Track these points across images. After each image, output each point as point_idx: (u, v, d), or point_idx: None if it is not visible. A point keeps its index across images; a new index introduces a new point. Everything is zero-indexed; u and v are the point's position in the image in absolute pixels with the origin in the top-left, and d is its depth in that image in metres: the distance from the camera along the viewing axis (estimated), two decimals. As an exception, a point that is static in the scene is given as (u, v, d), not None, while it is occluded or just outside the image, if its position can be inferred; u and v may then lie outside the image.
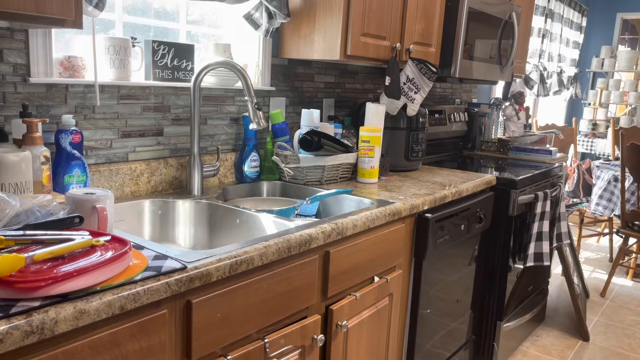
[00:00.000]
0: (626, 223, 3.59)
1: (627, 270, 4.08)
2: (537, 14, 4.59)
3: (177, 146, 1.88)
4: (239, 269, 1.21)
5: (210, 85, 1.94)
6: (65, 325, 0.89)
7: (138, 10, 1.83)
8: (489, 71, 2.85)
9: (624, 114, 5.97)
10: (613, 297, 3.67)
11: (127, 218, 1.63)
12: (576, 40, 5.70)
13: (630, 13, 5.92)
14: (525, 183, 2.55)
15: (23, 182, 1.27)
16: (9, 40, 1.41)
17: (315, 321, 1.48)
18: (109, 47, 1.62)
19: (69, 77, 1.57)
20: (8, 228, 1.06)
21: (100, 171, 1.63)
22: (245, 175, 2.04)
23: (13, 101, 1.44)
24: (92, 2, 1.47)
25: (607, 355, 2.88)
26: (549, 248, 2.60)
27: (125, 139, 1.72)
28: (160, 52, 1.76)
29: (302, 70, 2.36)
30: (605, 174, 3.94)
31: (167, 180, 1.83)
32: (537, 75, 4.74)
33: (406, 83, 2.37)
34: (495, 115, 3.53)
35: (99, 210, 1.19)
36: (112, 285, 0.97)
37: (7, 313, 0.84)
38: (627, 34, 6.13)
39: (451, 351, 2.36)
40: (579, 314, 3.05)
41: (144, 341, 1.04)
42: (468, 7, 2.51)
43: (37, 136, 1.37)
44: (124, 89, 1.69)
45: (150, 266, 1.08)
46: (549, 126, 4.95)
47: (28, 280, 0.88)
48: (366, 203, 1.85)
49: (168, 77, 1.80)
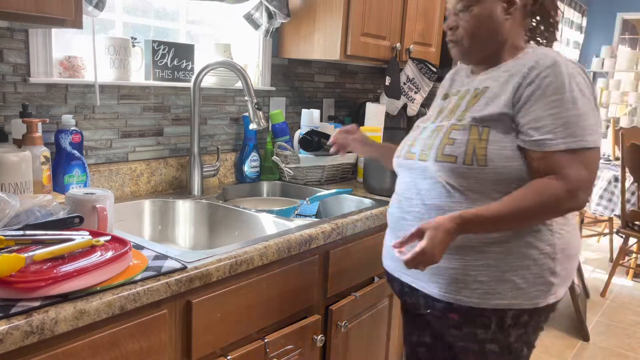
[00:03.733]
0: (626, 223, 3.59)
1: (628, 271, 4.08)
2: (537, 14, 4.58)
3: (177, 146, 1.88)
4: (239, 269, 1.21)
5: (210, 85, 1.94)
6: (65, 325, 0.89)
7: (138, 10, 1.83)
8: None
9: (624, 114, 5.97)
10: (613, 297, 3.67)
11: (127, 218, 1.62)
12: (576, 40, 5.70)
13: (630, 13, 5.92)
14: (525, 183, 2.55)
15: (23, 182, 1.27)
16: (9, 40, 1.41)
17: (315, 321, 1.48)
18: (109, 47, 1.62)
19: (68, 77, 1.57)
20: (8, 228, 1.06)
21: (100, 171, 1.63)
22: (245, 175, 2.04)
23: (13, 101, 1.44)
24: (92, 2, 1.47)
25: (608, 355, 2.88)
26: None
27: (125, 139, 1.72)
28: (160, 52, 1.76)
29: (302, 70, 2.35)
30: (606, 174, 3.94)
31: (167, 180, 1.83)
32: (537, 75, 4.73)
33: (406, 83, 2.37)
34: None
35: (99, 210, 1.19)
36: (112, 286, 0.97)
37: (7, 313, 0.84)
38: (627, 34, 6.13)
39: (451, 351, 2.36)
40: (579, 314, 3.05)
41: (144, 341, 1.04)
42: (468, 7, 2.51)
43: (37, 136, 1.37)
44: (124, 89, 1.69)
45: (150, 266, 1.08)
46: (549, 126, 4.94)
47: (28, 280, 0.88)
48: (366, 203, 1.85)
49: (168, 77, 1.80)
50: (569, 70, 1.14)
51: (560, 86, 1.12)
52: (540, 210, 1.13)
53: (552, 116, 1.12)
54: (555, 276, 1.21)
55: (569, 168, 1.10)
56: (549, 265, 1.20)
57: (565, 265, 1.23)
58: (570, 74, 1.14)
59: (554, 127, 1.11)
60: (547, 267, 1.19)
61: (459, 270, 1.20)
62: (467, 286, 1.20)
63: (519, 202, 1.12)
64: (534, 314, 1.22)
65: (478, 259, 1.19)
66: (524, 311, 1.21)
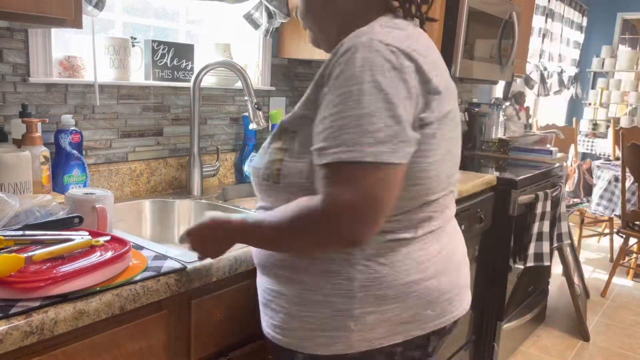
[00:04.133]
0: (627, 223, 3.59)
1: (628, 271, 4.08)
2: (537, 14, 4.59)
3: (177, 146, 1.88)
4: (239, 269, 1.21)
5: (210, 85, 1.94)
6: (65, 326, 0.88)
7: (138, 10, 1.82)
8: (490, 71, 2.85)
9: (625, 114, 5.97)
10: (613, 298, 3.67)
11: (127, 218, 1.62)
12: (576, 40, 5.69)
13: (630, 13, 5.91)
14: (525, 183, 2.55)
15: (22, 182, 1.27)
16: (8, 40, 1.41)
17: (315, 321, 1.48)
18: (109, 47, 1.62)
19: (68, 77, 1.57)
20: (8, 228, 1.06)
21: (99, 171, 1.62)
22: (245, 175, 2.04)
23: (12, 101, 1.44)
24: (92, 2, 1.47)
25: (608, 355, 2.88)
26: (549, 248, 2.59)
27: (125, 138, 1.72)
28: (160, 52, 1.76)
29: (302, 70, 2.35)
30: (606, 174, 3.93)
31: (166, 180, 1.82)
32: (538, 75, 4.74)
33: (406, 83, 2.37)
34: (496, 115, 3.53)
35: (98, 210, 1.19)
36: (111, 286, 0.97)
37: (7, 313, 0.84)
38: (627, 34, 6.12)
39: (451, 351, 2.36)
40: (580, 314, 3.05)
41: (144, 341, 1.03)
42: (468, 7, 2.51)
43: (37, 136, 1.36)
44: (123, 89, 1.68)
45: (150, 266, 1.07)
46: (549, 126, 4.94)
47: (28, 281, 0.88)
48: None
49: (168, 77, 1.80)
50: (367, 55, 0.84)
51: (349, 77, 0.84)
52: (291, 232, 0.88)
53: (331, 117, 0.85)
54: (355, 321, 0.93)
55: (331, 186, 0.83)
56: (344, 306, 0.93)
57: (374, 308, 0.93)
58: (368, 59, 0.84)
59: (332, 131, 0.84)
60: (341, 307, 0.93)
61: (261, 290, 1.05)
62: (266, 313, 1.03)
63: (278, 215, 0.90)
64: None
65: (273, 283, 1.00)
66: (317, 357, 0.96)
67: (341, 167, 0.83)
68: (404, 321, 0.96)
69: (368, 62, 0.84)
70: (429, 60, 0.92)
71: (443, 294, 1.00)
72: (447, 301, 1.01)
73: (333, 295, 0.94)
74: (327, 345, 0.95)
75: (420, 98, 0.89)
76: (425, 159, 0.92)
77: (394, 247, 0.95)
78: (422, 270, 0.97)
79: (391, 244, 0.95)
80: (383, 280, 0.94)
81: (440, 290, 0.99)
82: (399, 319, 0.95)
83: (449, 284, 1.02)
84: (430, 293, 0.98)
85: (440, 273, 1.00)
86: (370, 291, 0.93)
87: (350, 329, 0.93)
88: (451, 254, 1.05)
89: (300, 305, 0.97)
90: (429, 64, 0.92)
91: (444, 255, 1.02)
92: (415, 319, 0.97)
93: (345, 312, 0.93)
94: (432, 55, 0.96)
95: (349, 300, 0.93)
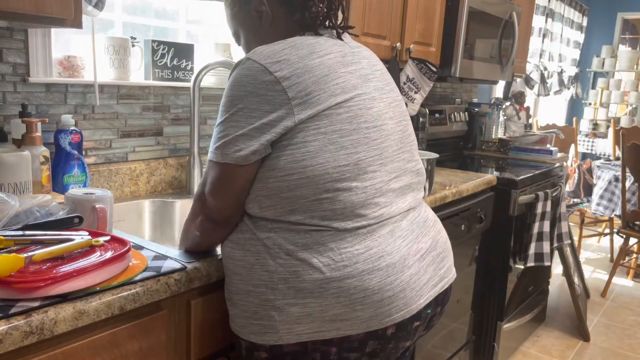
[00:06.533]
0: (627, 223, 3.59)
1: (628, 271, 4.08)
2: (537, 14, 4.59)
3: (177, 146, 1.88)
4: (239, 269, 1.21)
5: (210, 85, 1.94)
6: (65, 326, 0.88)
7: (138, 10, 1.82)
8: (490, 71, 2.85)
9: (625, 114, 5.97)
10: (614, 298, 3.67)
11: (127, 218, 1.62)
12: (577, 39, 5.70)
13: (630, 13, 5.92)
14: (525, 183, 2.55)
15: (22, 182, 1.27)
16: (8, 40, 1.41)
17: (315, 321, 1.48)
18: (109, 46, 1.62)
19: (68, 76, 1.57)
20: (7, 228, 1.06)
21: (99, 171, 1.62)
22: (246, 175, 2.03)
23: (12, 101, 1.44)
24: (92, 2, 1.47)
25: (608, 355, 2.88)
26: (549, 248, 2.59)
27: (125, 138, 1.72)
28: (159, 52, 1.76)
29: (302, 70, 2.35)
30: (606, 174, 3.93)
31: (166, 180, 1.82)
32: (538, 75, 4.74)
33: (406, 83, 2.37)
34: (496, 115, 3.53)
35: (98, 210, 1.19)
36: (111, 286, 0.97)
37: (7, 313, 0.84)
38: (627, 34, 6.13)
39: (451, 351, 2.36)
40: (580, 315, 3.05)
41: (144, 341, 1.03)
42: (468, 7, 2.51)
43: (37, 136, 1.36)
44: (123, 89, 1.68)
45: (149, 266, 1.07)
46: (549, 126, 4.94)
47: (27, 281, 0.88)
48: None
49: (168, 76, 1.80)
50: (239, 71, 1.00)
51: (225, 91, 1.02)
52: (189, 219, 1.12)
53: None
54: (278, 312, 0.99)
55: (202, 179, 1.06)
56: (268, 297, 1.00)
57: (295, 300, 0.98)
58: (238, 75, 1.00)
59: (213, 136, 1.04)
60: (266, 297, 1.00)
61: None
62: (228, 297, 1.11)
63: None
64: (278, 354, 1.02)
65: (226, 262, 1.10)
66: (259, 347, 1.03)
67: (210, 163, 1.04)
68: (331, 319, 0.99)
69: (237, 77, 1.00)
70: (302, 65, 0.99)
71: (372, 294, 0.99)
72: (381, 302, 0.99)
73: (260, 286, 1.01)
74: (259, 333, 1.02)
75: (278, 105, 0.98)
76: (296, 150, 0.98)
77: (311, 243, 0.99)
78: (339, 269, 0.98)
79: (309, 239, 0.99)
80: (300, 274, 0.99)
81: (367, 291, 0.99)
82: (324, 315, 0.98)
83: (380, 285, 1.00)
84: (353, 292, 0.98)
85: (366, 272, 0.99)
86: (291, 284, 0.99)
87: (275, 319, 1.00)
88: (386, 255, 1.02)
89: (238, 294, 1.06)
90: (300, 69, 0.99)
91: (371, 255, 1.01)
92: (342, 318, 0.99)
93: (268, 302, 1.01)
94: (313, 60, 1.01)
95: (272, 291, 1.00)
